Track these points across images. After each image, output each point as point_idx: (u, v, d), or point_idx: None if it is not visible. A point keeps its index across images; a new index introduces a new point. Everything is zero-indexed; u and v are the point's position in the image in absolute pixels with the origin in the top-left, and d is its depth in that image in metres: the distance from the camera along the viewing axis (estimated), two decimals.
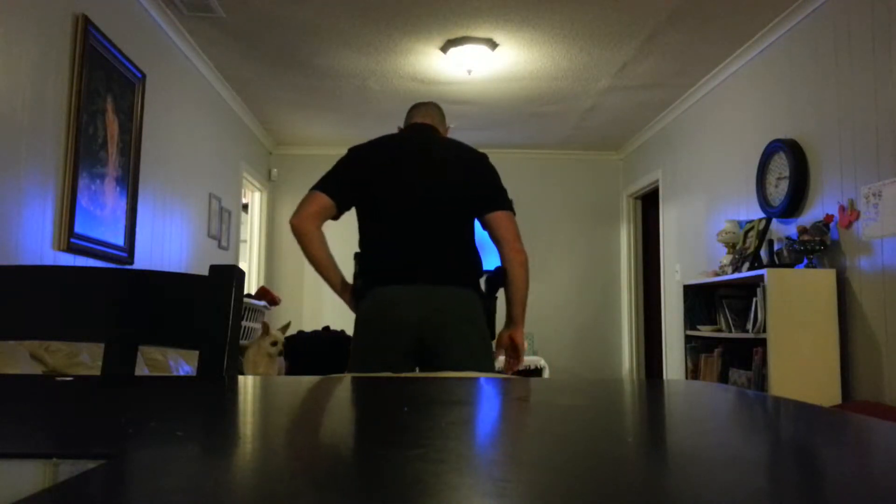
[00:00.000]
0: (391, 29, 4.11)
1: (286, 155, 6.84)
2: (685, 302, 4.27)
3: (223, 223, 5.22)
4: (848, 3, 3.36)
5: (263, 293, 5.04)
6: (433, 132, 2.35)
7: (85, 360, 2.27)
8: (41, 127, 2.78)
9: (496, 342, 2.33)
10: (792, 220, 3.77)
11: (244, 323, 4.28)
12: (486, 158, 2.32)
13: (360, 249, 2.27)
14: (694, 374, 4.25)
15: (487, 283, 2.35)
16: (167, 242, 4.15)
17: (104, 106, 3.26)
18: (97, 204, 3.22)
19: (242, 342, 3.95)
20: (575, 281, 6.90)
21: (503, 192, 2.29)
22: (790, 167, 3.72)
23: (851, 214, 3.29)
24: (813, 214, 3.60)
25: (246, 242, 6.47)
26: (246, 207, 6.50)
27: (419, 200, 2.19)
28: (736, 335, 3.76)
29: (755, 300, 3.50)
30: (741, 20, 3.94)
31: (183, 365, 3.03)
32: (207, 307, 1.03)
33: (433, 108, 2.44)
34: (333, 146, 6.61)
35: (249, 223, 6.55)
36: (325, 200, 2.17)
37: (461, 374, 1.49)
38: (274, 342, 3.46)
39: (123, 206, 3.51)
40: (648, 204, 6.60)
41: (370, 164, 2.25)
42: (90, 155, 3.14)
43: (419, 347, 2.12)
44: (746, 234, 4.02)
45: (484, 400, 0.78)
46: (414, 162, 2.24)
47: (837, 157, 3.42)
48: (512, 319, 2.31)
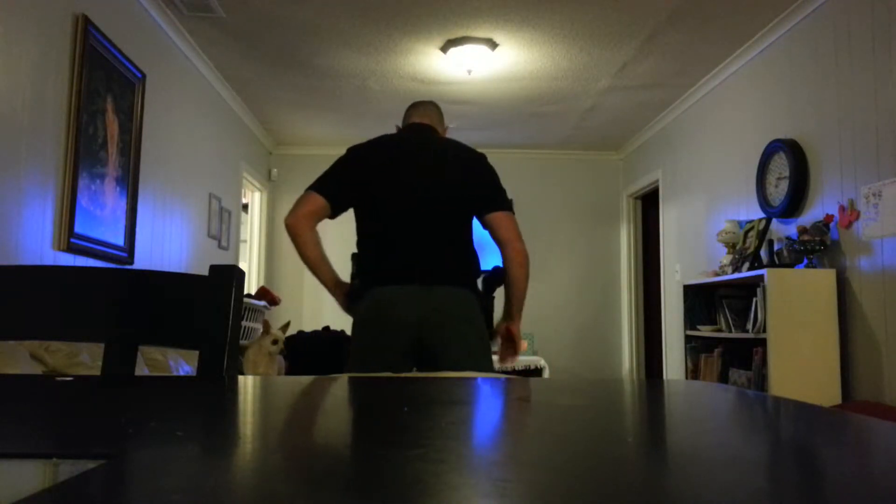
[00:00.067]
0: (391, 29, 4.11)
1: (286, 155, 6.85)
2: (685, 302, 4.27)
3: (223, 223, 5.22)
4: (848, 3, 3.36)
5: (263, 293, 5.04)
6: (432, 132, 2.35)
7: (85, 360, 2.27)
8: (41, 127, 2.78)
9: (494, 333, 2.35)
10: (792, 220, 3.77)
11: (244, 323, 4.28)
12: (484, 158, 2.31)
13: (357, 250, 2.27)
14: (694, 374, 4.25)
15: (485, 282, 2.35)
16: (167, 242, 4.15)
17: (104, 106, 3.26)
18: (97, 204, 3.22)
19: (242, 342, 3.95)
20: (575, 281, 6.90)
21: (502, 192, 2.29)
22: (790, 167, 3.72)
23: (851, 214, 3.29)
24: (813, 214, 3.60)
25: (246, 242, 6.47)
26: (246, 207, 6.50)
27: (417, 200, 2.19)
28: (736, 335, 3.76)
29: (755, 300, 3.50)
30: (741, 20, 3.94)
31: (183, 365, 3.03)
32: (207, 307, 1.03)
33: (431, 107, 2.44)
34: (333, 146, 6.61)
35: (249, 223, 6.55)
36: (319, 201, 2.18)
37: (461, 374, 1.49)
38: (275, 340, 3.47)
39: (123, 206, 3.51)
40: (648, 204, 6.60)
41: (368, 163, 2.25)
42: (90, 155, 3.14)
43: (417, 347, 2.12)
44: (746, 234, 4.02)
45: (484, 400, 0.78)
46: (412, 162, 2.24)
47: (837, 157, 3.42)
48: (510, 314, 2.32)
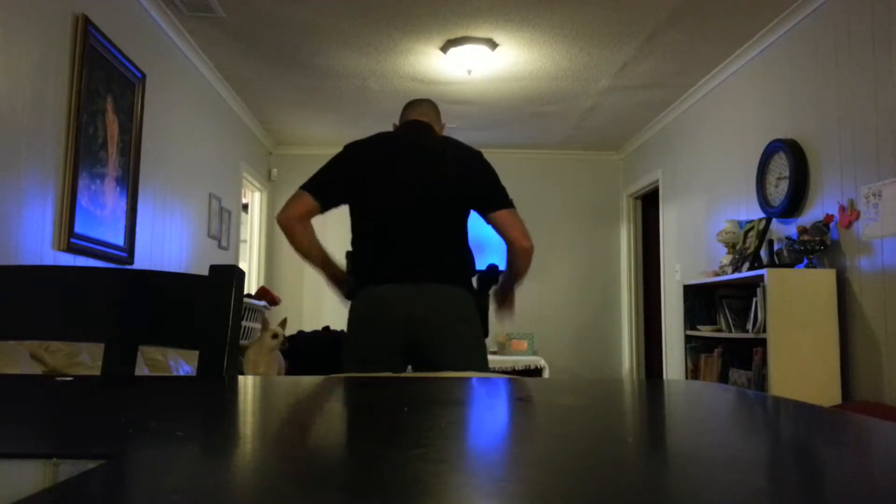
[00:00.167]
0: (391, 29, 4.11)
1: (286, 155, 6.84)
2: (685, 302, 4.27)
3: (223, 223, 5.22)
4: (848, 3, 3.36)
5: (263, 293, 5.04)
6: (429, 130, 2.35)
7: (85, 360, 2.27)
8: (41, 127, 2.78)
9: (493, 298, 2.40)
10: (792, 220, 3.77)
11: (244, 323, 4.28)
12: (480, 156, 2.31)
13: (352, 248, 2.27)
14: (694, 374, 4.25)
15: (480, 281, 2.35)
16: (167, 242, 4.15)
17: (104, 106, 3.26)
18: (97, 204, 3.22)
19: (242, 342, 3.95)
20: (575, 281, 6.90)
21: (502, 189, 2.29)
22: (790, 167, 3.72)
23: (851, 214, 3.29)
24: (813, 214, 3.60)
25: (246, 242, 6.47)
26: (246, 207, 6.50)
27: (413, 198, 2.19)
28: (736, 335, 3.76)
29: (755, 300, 3.50)
30: (741, 20, 3.94)
31: (183, 365, 3.03)
32: (207, 307, 1.03)
33: (428, 105, 2.44)
34: (333, 146, 6.57)
35: (249, 223, 6.55)
36: (309, 203, 2.23)
37: (460, 374, 1.49)
38: (274, 335, 3.49)
39: (123, 206, 3.51)
40: (648, 204, 6.60)
41: (364, 161, 2.26)
42: (90, 155, 3.14)
43: (412, 346, 2.11)
44: (746, 234, 4.02)
45: (484, 400, 0.78)
46: (409, 160, 2.24)
47: (837, 157, 3.42)
48: (509, 285, 2.37)
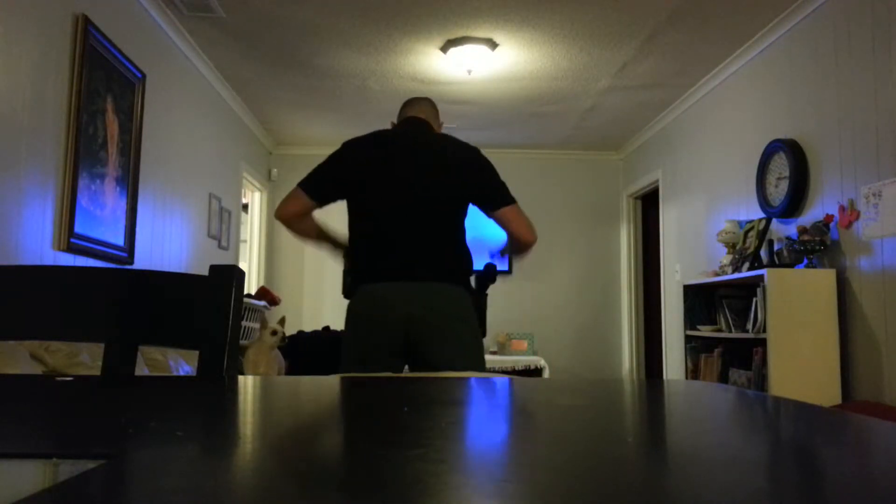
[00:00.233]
0: (391, 29, 4.11)
1: (286, 155, 6.84)
2: (685, 302, 4.27)
3: (223, 223, 5.22)
4: (848, 3, 3.36)
5: (263, 293, 5.04)
6: (427, 127, 2.35)
7: (85, 360, 2.27)
8: (41, 127, 2.78)
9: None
10: (792, 220, 3.77)
11: (244, 323, 4.28)
12: (478, 152, 2.30)
13: (349, 246, 2.27)
14: (694, 374, 4.25)
15: (478, 280, 2.35)
16: (167, 242, 4.15)
17: (104, 106, 3.26)
18: (97, 204, 3.22)
19: (242, 342, 3.95)
20: (575, 281, 6.90)
21: (503, 185, 2.29)
22: (790, 167, 3.72)
23: (851, 214, 3.28)
24: (813, 214, 3.60)
25: (246, 242, 6.47)
26: (246, 207, 6.50)
27: (411, 197, 2.18)
28: (736, 335, 3.76)
29: (755, 300, 3.50)
30: (741, 20, 3.94)
31: (183, 365, 3.03)
32: (207, 307, 1.03)
33: (426, 103, 2.43)
34: (333, 146, 6.54)
35: (249, 223, 6.55)
36: (305, 201, 2.26)
37: (460, 374, 1.49)
38: (274, 332, 3.50)
39: (123, 206, 3.51)
40: (648, 204, 6.60)
41: (362, 159, 2.26)
42: (90, 155, 3.14)
43: (410, 345, 2.11)
44: (746, 234, 4.02)
45: (484, 400, 0.78)
46: (407, 158, 2.23)
47: (837, 157, 3.42)
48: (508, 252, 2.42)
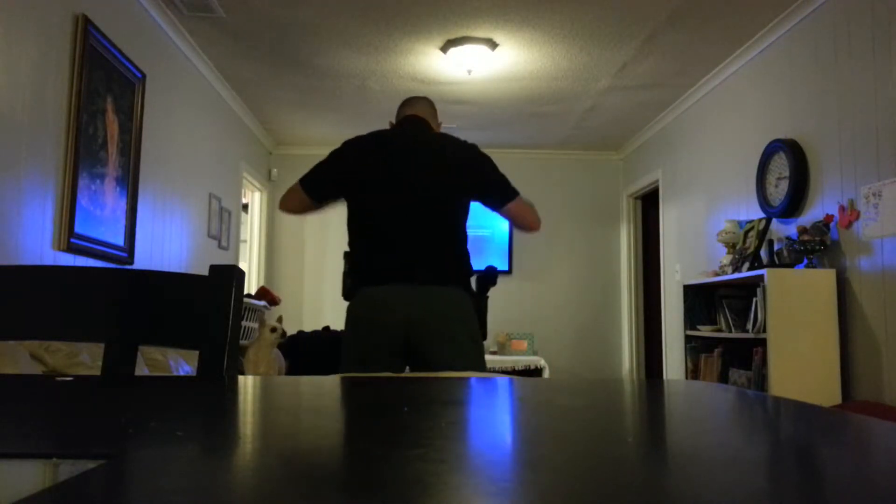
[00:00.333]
0: (391, 29, 4.11)
1: (286, 155, 6.84)
2: (685, 302, 4.27)
3: (223, 223, 5.22)
4: (848, 3, 3.36)
5: (263, 293, 5.04)
6: (426, 125, 2.35)
7: (85, 360, 2.27)
8: (41, 127, 2.78)
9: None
10: (792, 220, 3.77)
11: (244, 323, 4.28)
12: (477, 149, 2.31)
13: (349, 248, 2.27)
14: (694, 374, 4.25)
15: (478, 282, 2.34)
16: (167, 242, 4.15)
17: (104, 106, 3.26)
18: (97, 204, 3.22)
19: (242, 342, 3.95)
20: (575, 281, 6.90)
21: (504, 180, 2.30)
22: (790, 167, 3.71)
23: (851, 214, 3.28)
24: (813, 214, 3.60)
25: (246, 242, 6.47)
26: (246, 207, 6.50)
27: (410, 197, 2.18)
28: (736, 335, 3.76)
29: (755, 300, 3.50)
30: (741, 20, 3.94)
31: (183, 365, 3.03)
32: (207, 307, 1.03)
33: (425, 102, 2.43)
34: (333, 146, 6.54)
35: (249, 223, 6.55)
36: (304, 198, 2.32)
37: (460, 374, 1.49)
38: (273, 329, 3.51)
39: (123, 206, 3.51)
40: (648, 204, 6.59)
41: (362, 159, 2.25)
42: (90, 155, 3.14)
43: (410, 347, 2.11)
44: (746, 234, 4.02)
45: (484, 400, 0.78)
46: (406, 158, 2.23)
47: (837, 157, 3.42)
48: None
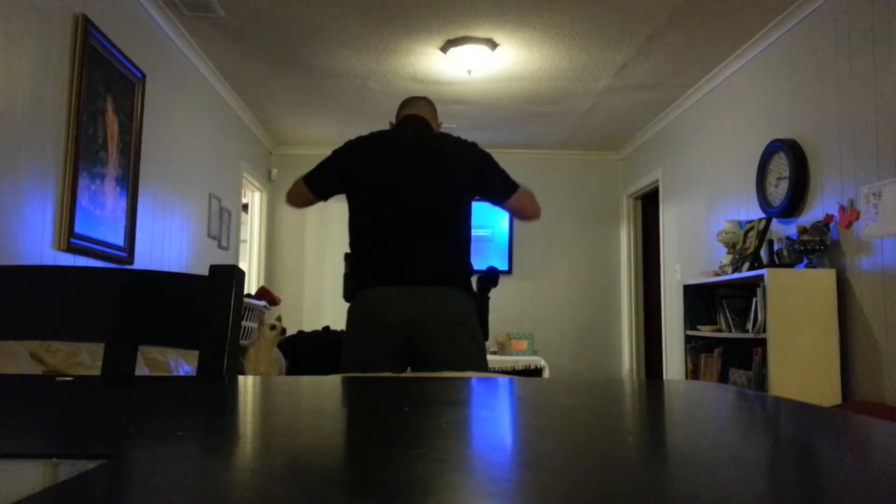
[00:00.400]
0: (391, 29, 4.11)
1: (286, 155, 6.84)
2: (685, 302, 4.27)
3: (223, 223, 5.22)
4: (848, 3, 3.36)
5: (263, 293, 5.04)
6: (425, 124, 2.35)
7: (85, 360, 2.27)
8: (41, 127, 2.78)
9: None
10: (792, 220, 3.77)
11: (244, 323, 4.29)
12: (476, 146, 2.33)
13: (350, 249, 2.27)
14: (694, 374, 4.25)
15: (479, 283, 2.34)
16: (167, 242, 4.15)
17: (104, 106, 3.26)
18: (97, 204, 3.22)
19: (243, 342, 3.95)
20: (575, 281, 6.90)
21: (504, 174, 2.33)
22: (790, 167, 3.71)
23: (851, 214, 3.28)
24: (813, 214, 3.60)
25: (246, 242, 6.47)
26: (246, 207, 6.50)
27: (411, 197, 2.19)
28: (736, 335, 3.76)
29: (755, 300, 3.50)
30: (741, 20, 3.94)
31: (183, 365, 3.03)
32: (207, 307, 1.03)
33: (425, 102, 2.44)
34: (333, 146, 6.55)
35: (249, 223, 6.55)
36: (308, 194, 2.37)
37: (461, 374, 1.49)
38: (273, 326, 3.52)
39: (123, 206, 3.51)
40: (648, 204, 6.59)
41: (363, 158, 2.26)
42: (90, 155, 3.14)
43: (410, 349, 2.11)
44: (746, 234, 4.02)
45: (484, 400, 0.78)
46: (406, 158, 2.23)
47: (837, 157, 3.42)
48: None
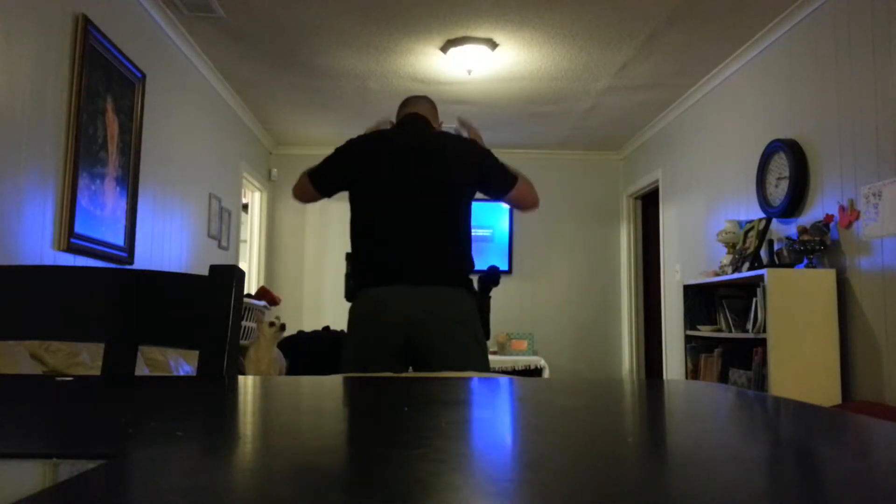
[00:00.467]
0: (391, 29, 4.11)
1: (286, 155, 6.84)
2: (685, 302, 4.27)
3: (223, 223, 5.22)
4: (848, 3, 3.36)
5: (263, 293, 5.04)
6: (426, 123, 2.35)
7: (85, 360, 2.27)
8: (41, 127, 2.78)
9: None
10: (792, 220, 3.77)
11: (244, 323, 4.29)
12: (475, 144, 2.34)
13: (351, 249, 2.27)
14: (694, 374, 4.25)
15: (480, 282, 2.34)
16: (167, 242, 4.15)
17: (104, 106, 3.26)
18: (97, 204, 3.22)
19: (243, 342, 3.95)
20: (575, 281, 6.90)
21: (504, 168, 2.33)
22: (790, 167, 3.71)
23: (851, 214, 3.28)
24: (813, 214, 3.60)
25: (246, 242, 6.47)
26: (246, 207, 6.50)
27: (411, 198, 2.19)
28: (736, 335, 3.76)
29: (755, 300, 3.50)
30: (741, 20, 3.94)
31: (183, 365, 3.03)
32: (207, 307, 1.03)
33: (425, 101, 2.44)
34: (333, 146, 6.56)
35: (249, 223, 6.55)
36: (311, 190, 2.40)
37: (461, 374, 1.49)
38: (271, 323, 3.52)
39: (123, 206, 3.51)
40: (648, 204, 6.59)
41: (364, 157, 2.26)
42: (90, 155, 3.14)
43: (409, 349, 2.11)
44: (746, 234, 4.02)
45: (484, 400, 0.78)
46: (407, 157, 2.23)
47: (837, 157, 3.42)
48: None
